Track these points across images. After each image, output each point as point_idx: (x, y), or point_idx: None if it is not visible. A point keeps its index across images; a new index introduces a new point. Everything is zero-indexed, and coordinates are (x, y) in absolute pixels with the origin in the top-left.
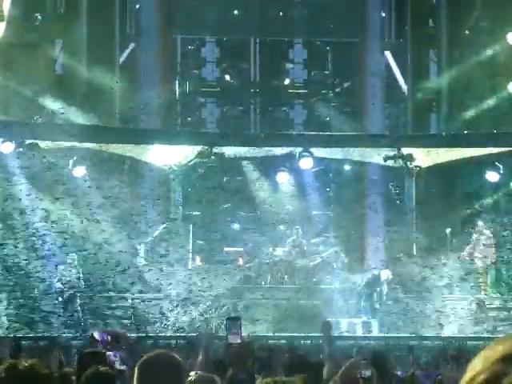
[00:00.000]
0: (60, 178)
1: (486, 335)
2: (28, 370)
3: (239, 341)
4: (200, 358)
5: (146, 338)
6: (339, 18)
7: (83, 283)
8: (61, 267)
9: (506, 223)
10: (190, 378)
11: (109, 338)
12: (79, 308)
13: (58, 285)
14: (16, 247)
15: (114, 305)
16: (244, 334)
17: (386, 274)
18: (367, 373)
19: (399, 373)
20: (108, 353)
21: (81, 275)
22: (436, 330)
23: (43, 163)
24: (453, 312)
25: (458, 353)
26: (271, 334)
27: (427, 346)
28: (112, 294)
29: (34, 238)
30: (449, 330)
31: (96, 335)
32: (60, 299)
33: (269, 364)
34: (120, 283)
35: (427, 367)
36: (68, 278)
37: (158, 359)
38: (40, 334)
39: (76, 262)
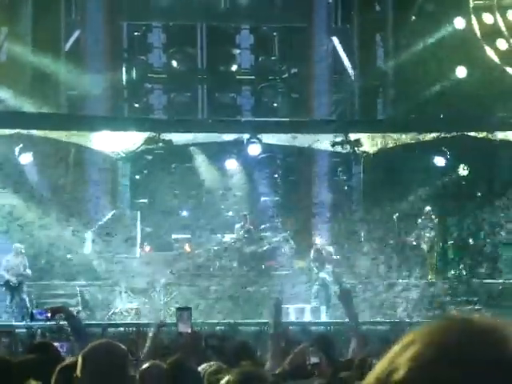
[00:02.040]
0: (5, 164)
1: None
2: None
3: (189, 330)
4: (148, 345)
5: (93, 326)
6: (286, 3)
7: (30, 271)
8: (7, 256)
9: (452, 207)
10: (143, 366)
11: (49, 314)
12: (25, 296)
13: (3, 273)
14: None
15: (61, 292)
16: (193, 321)
17: (319, 242)
18: (315, 359)
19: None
20: (55, 343)
21: (26, 263)
22: (384, 315)
23: None
24: (400, 296)
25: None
26: (220, 321)
27: (376, 331)
28: (59, 281)
29: None
30: (397, 315)
31: (36, 313)
32: (6, 288)
33: (220, 351)
34: (67, 271)
35: (378, 352)
36: (14, 267)
37: (103, 349)
38: None
39: (23, 250)
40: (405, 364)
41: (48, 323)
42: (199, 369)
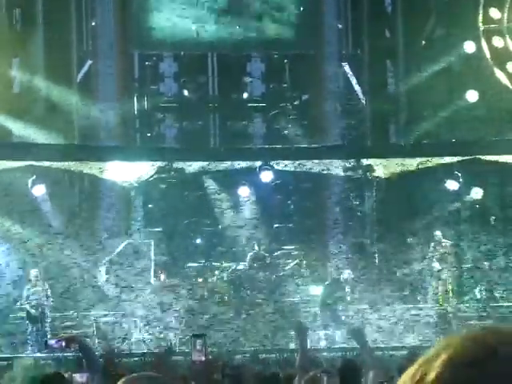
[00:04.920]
0: (19, 197)
1: None
2: None
3: (203, 358)
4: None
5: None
6: (296, 30)
7: (52, 300)
8: (26, 286)
9: (465, 231)
10: None
11: (63, 343)
12: (47, 328)
13: (25, 304)
14: None
15: (76, 323)
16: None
17: (347, 274)
18: None
19: None
20: (74, 374)
21: (49, 291)
22: (399, 340)
23: (1, 183)
24: (414, 321)
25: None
26: (237, 349)
27: (392, 356)
28: (74, 312)
29: None
30: (411, 340)
31: (51, 343)
32: (27, 318)
33: (238, 380)
34: (82, 301)
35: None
36: (36, 297)
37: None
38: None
39: (41, 281)
40: (437, 367)
41: (65, 354)
42: None
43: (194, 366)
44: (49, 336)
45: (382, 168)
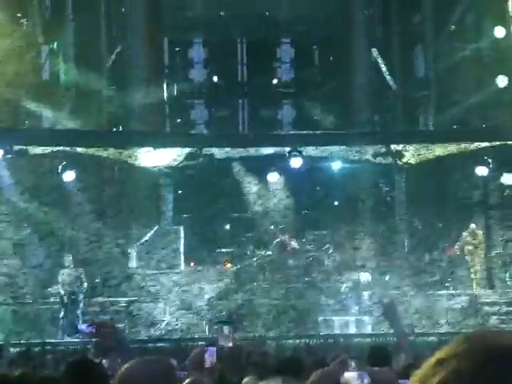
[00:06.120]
0: (49, 183)
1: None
2: (20, 379)
3: (230, 344)
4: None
5: (138, 341)
6: (325, 16)
7: (86, 286)
8: (60, 271)
9: (495, 217)
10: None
11: (94, 328)
12: (79, 314)
13: (59, 288)
14: (5, 254)
15: (106, 309)
16: (236, 336)
17: (365, 277)
18: (352, 370)
19: None
20: (104, 361)
21: (82, 276)
22: (429, 326)
23: (32, 169)
24: (444, 307)
25: None
26: (263, 335)
27: (423, 342)
28: (104, 297)
29: (25, 243)
30: (442, 326)
31: (82, 328)
32: (60, 303)
33: (263, 366)
34: (112, 287)
35: None
36: (68, 281)
37: (148, 364)
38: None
39: (73, 265)
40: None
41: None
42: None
43: (220, 351)
44: (80, 321)
45: (412, 154)
